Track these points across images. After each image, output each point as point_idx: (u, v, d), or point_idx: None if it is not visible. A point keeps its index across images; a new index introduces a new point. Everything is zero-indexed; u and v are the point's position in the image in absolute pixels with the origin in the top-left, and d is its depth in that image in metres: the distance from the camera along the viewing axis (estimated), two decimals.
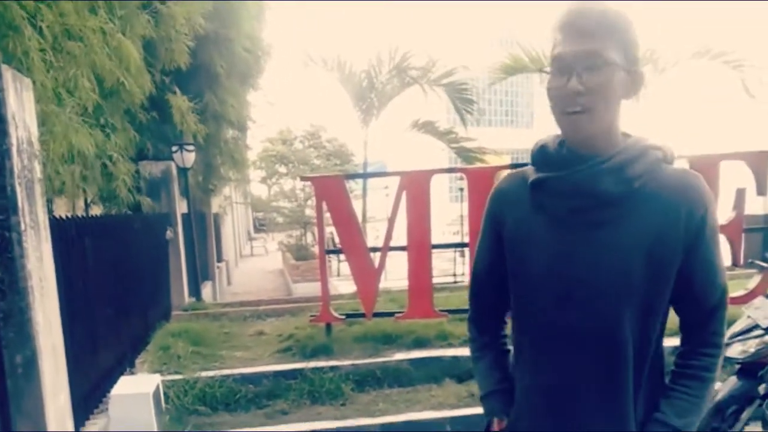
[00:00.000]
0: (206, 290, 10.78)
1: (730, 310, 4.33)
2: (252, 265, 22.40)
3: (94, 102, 4.54)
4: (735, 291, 5.45)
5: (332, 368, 5.08)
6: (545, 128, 1.50)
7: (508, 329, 1.62)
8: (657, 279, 1.35)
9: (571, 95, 1.30)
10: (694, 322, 1.43)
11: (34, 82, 3.51)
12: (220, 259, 14.63)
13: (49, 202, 5.29)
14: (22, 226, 2.92)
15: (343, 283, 11.07)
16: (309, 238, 17.82)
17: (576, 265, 1.38)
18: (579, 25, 1.30)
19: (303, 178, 7.27)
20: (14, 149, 2.89)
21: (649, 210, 1.34)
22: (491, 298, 1.62)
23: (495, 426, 1.60)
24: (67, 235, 3.99)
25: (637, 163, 1.35)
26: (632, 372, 1.38)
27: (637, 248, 1.33)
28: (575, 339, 1.40)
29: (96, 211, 6.12)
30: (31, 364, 2.97)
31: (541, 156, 1.47)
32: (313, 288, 8.32)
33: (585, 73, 1.29)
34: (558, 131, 1.44)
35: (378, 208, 15.22)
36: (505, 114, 40.48)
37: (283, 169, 21.71)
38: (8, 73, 2.87)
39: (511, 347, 1.62)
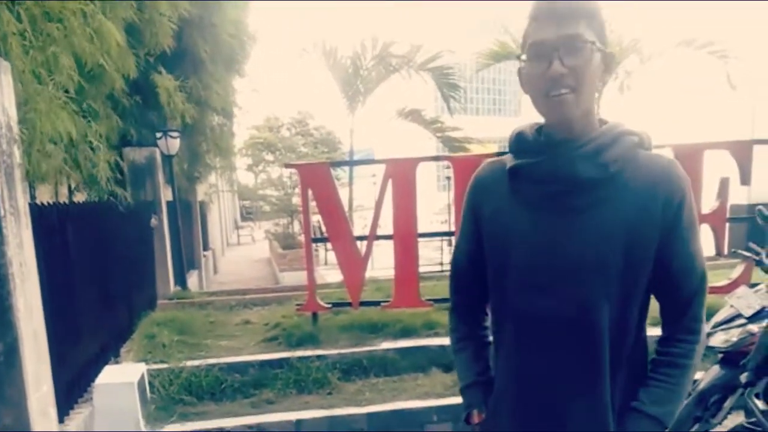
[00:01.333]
0: (192, 279, 10.71)
1: (713, 299, 4.34)
2: (239, 253, 22.32)
3: (75, 85, 4.45)
4: (718, 280, 5.50)
5: (319, 357, 5.06)
6: (532, 116, 1.49)
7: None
8: (633, 265, 1.35)
9: (556, 78, 1.31)
10: (673, 308, 1.43)
11: (13, 66, 3.44)
12: (206, 248, 14.55)
13: (32, 189, 5.22)
14: (2, 212, 2.86)
15: (330, 272, 11.06)
16: (296, 226, 17.78)
17: (552, 251, 1.38)
18: (556, 10, 1.32)
19: (288, 166, 7.20)
20: None
21: (626, 196, 1.34)
22: (472, 288, 1.62)
23: (474, 418, 1.60)
24: (48, 222, 3.93)
25: (613, 147, 1.35)
26: (609, 360, 1.38)
27: (614, 234, 1.34)
28: (551, 327, 1.40)
29: (80, 198, 6.03)
30: (12, 351, 2.92)
31: (518, 143, 1.47)
32: (300, 277, 8.28)
33: (567, 56, 1.31)
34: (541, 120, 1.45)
35: (366, 197, 15.19)
36: (493, 102, 40.50)
37: (270, 157, 21.60)
38: None
39: (491, 338, 1.62)
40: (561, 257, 1.37)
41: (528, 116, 1.48)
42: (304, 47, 11.38)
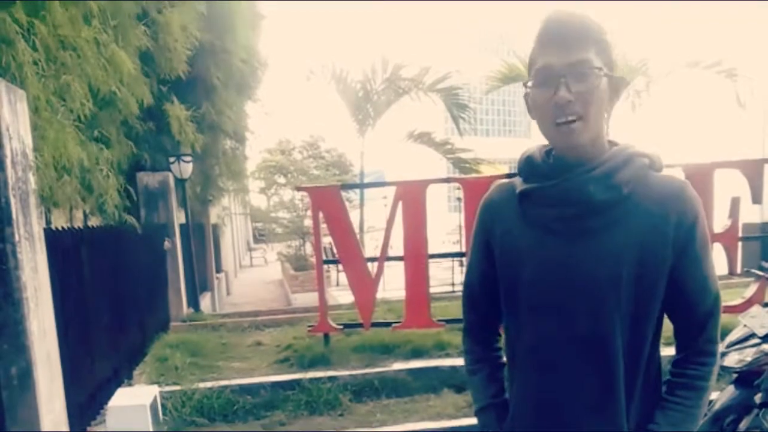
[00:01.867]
0: (205, 301, 10.75)
1: (726, 318, 4.32)
2: (251, 275, 22.37)
3: (88, 112, 4.54)
4: (732, 300, 5.45)
5: (330, 379, 5.06)
6: (542, 138, 1.49)
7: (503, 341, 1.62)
8: (646, 286, 1.35)
9: (562, 105, 1.30)
10: (687, 330, 1.42)
11: (28, 95, 3.52)
12: (219, 270, 14.61)
13: (47, 213, 5.30)
14: (17, 238, 2.92)
15: (342, 293, 11.06)
16: (308, 248, 17.82)
17: (565, 273, 1.38)
18: (563, 35, 1.31)
19: (299, 189, 7.27)
20: (8, 161, 2.90)
21: (638, 217, 1.34)
22: (484, 309, 1.62)
23: None
24: (62, 247, 3.99)
25: (625, 169, 1.35)
26: (624, 381, 1.37)
27: (627, 256, 1.33)
28: (565, 349, 1.40)
29: (94, 222, 6.11)
30: (26, 374, 2.96)
31: (528, 166, 1.47)
32: (312, 298, 8.31)
33: (573, 82, 1.30)
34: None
35: (377, 218, 15.23)
36: (503, 123, 40.54)
37: (282, 180, 21.77)
38: (1, 85, 2.88)
39: (505, 359, 1.62)
40: (574, 278, 1.37)
41: (538, 137, 1.48)
42: (311, 70, 11.49)
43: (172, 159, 8.20)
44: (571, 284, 1.38)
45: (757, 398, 3.34)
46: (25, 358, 2.95)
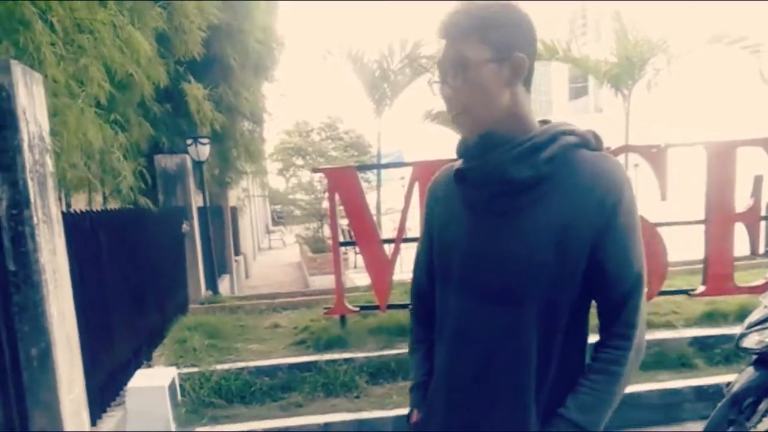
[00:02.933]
0: (224, 283, 10.84)
1: (748, 299, 4.26)
2: (270, 258, 22.52)
3: (106, 94, 4.56)
4: (754, 280, 5.38)
5: (346, 360, 5.08)
6: (564, 117, 1.47)
7: None
8: (564, 266, 1.33)
9: (446, 100, 1.37)
10: (606, 312, 1.38)
11: (45, 77, 3.53)
12: (237, 253, 14.71)
13: (68, 197, 5.35)
14: (35, 220, 2.94)
15: (359, 275, 11.07)
16: (326, 230, 17.87)
17: (486, 253, 1.39)
18: (443, 30, 1.36)
19: (315, 170, 7.26)
20: (25, 144, 2.91)
21: (560, 196, 1.33)
22: (429, 294, 1.61)
23: (414, 417, 1.63)
24: (81, 229, 4.02)
25: (547, 147, 1.34)
26: (537, 359, 1.36)
27: (546, 234, 1.33)
28: (482, 327, 1.41)
29: (113, 205, 6.16)
30: (45, 356, 2.99)
31: (463, 147, 1.47)
32: (329, 280, 8.31)
33: (453, 76, 1.34)
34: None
35: (395, 199, 15.20)
36: None
37: (300, 161, 21.79)
38: (18, 68, 2.88)
39: None
40: (494, 259, 1.38)
41: (560, 117, 1.47)
42: (328, 50, 11.44)
43: (189, 141, 8.23)
44: (491, 266, 1.39)
45: None
46: (45, 340, 2.99)
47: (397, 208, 5.41)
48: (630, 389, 4.37)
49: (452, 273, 1.46)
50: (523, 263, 1.34)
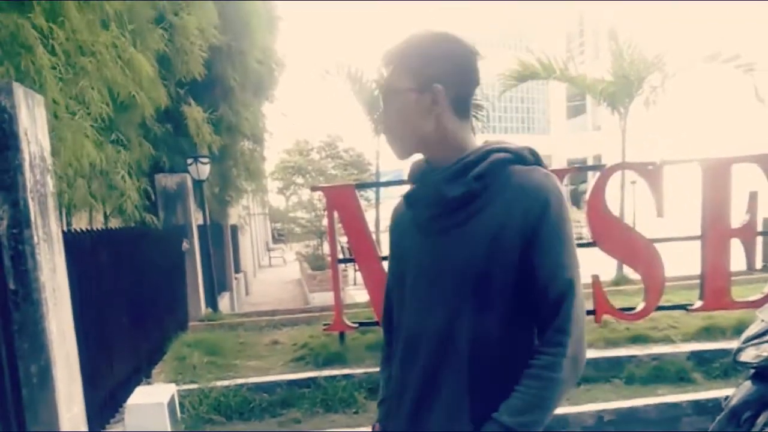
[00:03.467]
0: (224, 301, 10.86)
1: (745, 313, 4.27)
2: (270, 275, 22.52)
3: (107, 115, 4.62)
4: (751, 295, 5.40)
5: (345, 377, 5.09)
6: (562, 135, 1.54)
7: None
8: (496, 277, 1.38)
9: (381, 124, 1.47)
10: (540, 320, 1.41)
11: (46, 99, 3.59)
12: (238, 270, 14.74)
13: (69, 216, 5.40)
14: (35, 239, 2.99)
15: (359, 292, 11.09)
16: (326, 248, 17.87)
17: (428, 271, 1.47)
18: (383, 59, 1.47)
19: (314, 188, 7.31)
20: (27, 164, 2.96)
21: (491, 210, 1.39)
22: (396, 313, 1.68)
23: (375, 428, 1.71)
24: (81, 248, 4.06)
25: (478, 165, 1.41)
26: (469, 368, 1.40)
27: (478, 248, 1.38)
28: (424, 340, 1.47)
29: (115, 224, 6.21)
30: (45, 373, 3.02)
31: (411, 172, 1.58)
32: (329, 297, 8.35)
33: (383, 102, 1.48)
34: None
35: None
36: (521, 121, 40.36)
37: (300, 180, 21.88)
38: (20, 90, 2.95)
39: None
40: (435, 274, 1.44)
41: (558, 135, 1.54)
42: (326, 70, 11.53)
43: (189, 160, 8.29)
44: (431, 282, 1.46)
45: None
46: (45, 358, 3.02)
47: None
48: (628, 403, 4.42)
49: (405, 291, 1.53)
50: (458, 276, 1.40)
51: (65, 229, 4.23)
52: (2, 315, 2.95)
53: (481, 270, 1.38)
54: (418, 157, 1.54)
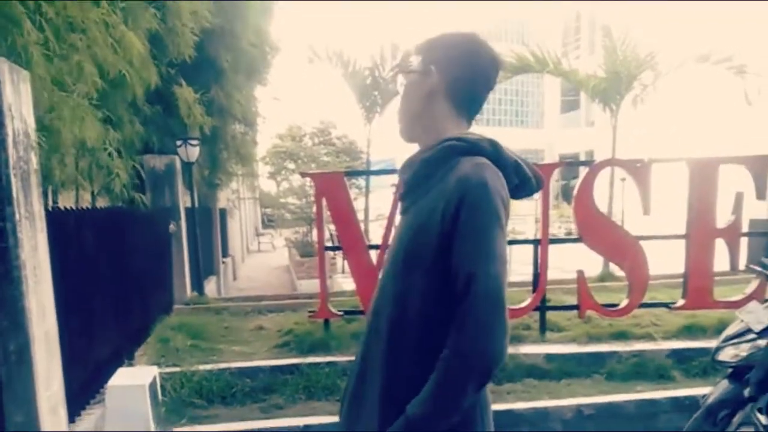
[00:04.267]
0: (210, 285, 10.82)
1: (726, 314, 4.30)
2: (259, 260, 22.48)
3: (97, 94, 4.57)
4: (733, 295, 5.45)
5: (329, 364, 5.10)
6: (555, 128, 1.59)
7: None
8: (412, 264, 1.41)
9: None
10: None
11: (33, 75, 3.54)
12: (225, 254, 14.69)
13: (55, 194, 5.35)
14: (17, 217, 2.96)
15: (347, 280, 11.09)
16: (315, 234, 17.86)
17: (389, 249, 1.55)
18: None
19: (303, 174, 7.28)
20: (10, 140, 2.92)
21: (430, 196, 1.42)
22: None
23: None
24: (65, 226, 4.03)
25: (431, 153, 1.47)
26: (387, 356, 1.44)
27: (409, 232, 1.44)
28: (368, 319, 1.57)
29: (102, 203, 6.16)
30: (23, 351, 3.00)
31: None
32: (317, 284, 8.37)
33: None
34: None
35: (387, 206, 15.18)
36: (515, 114, 40.38)
37: (291, 166, 21.81)
38: (5, 65, 2.91)
39: None
40: (389, 254, 1.54)
41: (551, 128, 1.59)
42: (315, 53, 11.47)
43: (179, 142, 8.23)
44: (387, 260, 1.54)
45: (746, 392, 3.34)
46: (24, 335, 3.00)
47: (387, 214, 5.46)
48: (608, 398, 4.45)
49: None
50: (396, 257, 1.46)
51: (51, 207, 4.18)
52: None
53: (408, 252, 1.42)
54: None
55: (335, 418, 4.33)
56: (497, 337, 1.27)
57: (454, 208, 1.33)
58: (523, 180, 1.49)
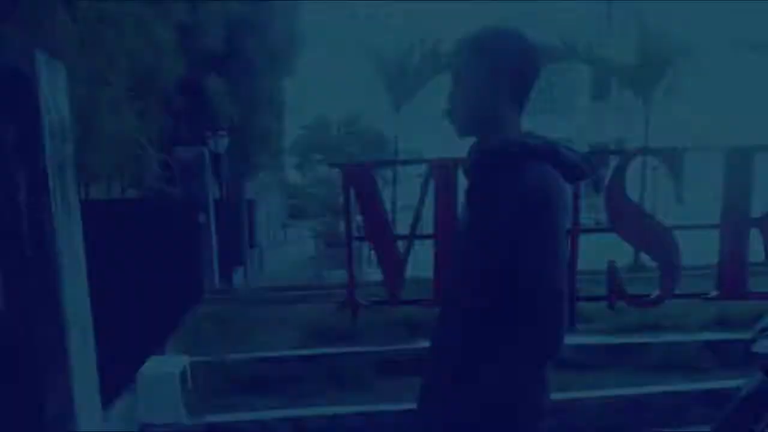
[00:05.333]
0: (238, 275, 10.92)
1: (761, 305, 4.22)
2: (286, 251, 22.56)
3: (128, 86, 4.63)
4: None
5: (356, 354, 5.12)
6: (587, 116, 1.63)
7: None
8: (484, 264, 1.54)
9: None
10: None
11: (69, 67, 3.59)
12: (253, 245, 14.80)
13: (87, 186, 5.44)
14: (54, 208, 3.01)
15: (375, 270, 11.11)
16: (342, 225, 17.91)
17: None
18: (459, 45, 1.69)
19: (332, 165, 7.31)
20: (47, 132, 2.97)
21: (496, 201, 1.51)
22: None
23: None
24: (98, 217, 4.08)
25: (497, 155, 1.58)
26: (464, 348, 1.59)
27: (479, 235, 1.58)
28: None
29: (132, 195, 6.26)
30: (59, 340, 3.06)
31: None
32: (344, 274, 8.39)
33: (453, 84, 1.71)
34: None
35: (415, 196, 15.15)
36: (544, 101, 39.82)
37: (318, 156, 21.88)
38: (42, 58, 2.95)
39: None
40: (459, 252, 1.71)
41: (581, 115, 1.63)
42: (347, 46, 11.49)
43: (208, 133, 8.30)
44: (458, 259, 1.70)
45: None
46: (60, 324, 3.05)
47: (415, 205, 5.44)
48: (638, 390, 4.39)
49: None
50: (462, 261, 1.61)
51: (83, 198, 4.25)
52: (20, 283, 2.98)
53: (478, 253, 1.53)
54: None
55: (363, 408, 4.38)
56: (558, 327, 1.46)
57: (523, 215, 1.44)
58: (579, 176, 1.63)
